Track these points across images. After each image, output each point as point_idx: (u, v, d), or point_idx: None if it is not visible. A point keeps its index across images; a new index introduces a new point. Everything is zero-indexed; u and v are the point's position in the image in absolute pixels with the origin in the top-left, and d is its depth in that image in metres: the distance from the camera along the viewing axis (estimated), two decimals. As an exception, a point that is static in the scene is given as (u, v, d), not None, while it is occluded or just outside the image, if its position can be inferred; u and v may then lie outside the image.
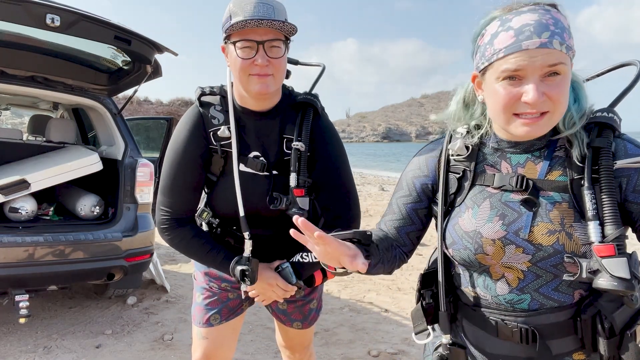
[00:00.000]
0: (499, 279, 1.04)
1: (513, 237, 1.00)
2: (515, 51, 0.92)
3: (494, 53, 0.95)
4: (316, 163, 1.49)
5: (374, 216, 8.49)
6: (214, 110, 1.47)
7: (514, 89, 0.94)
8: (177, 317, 3.57)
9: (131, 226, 3.32)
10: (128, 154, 3.48)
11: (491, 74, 0.97)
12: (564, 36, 0.92)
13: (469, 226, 1.05)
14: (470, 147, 1.09)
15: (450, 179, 1.12)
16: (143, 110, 23.69)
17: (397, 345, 3.14)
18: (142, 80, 3.30)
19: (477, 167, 1.09)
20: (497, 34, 0.95)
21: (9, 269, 2.81)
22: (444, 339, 1.10)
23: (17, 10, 2.48)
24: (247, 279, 1.46)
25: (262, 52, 1.32)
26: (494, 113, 1.00)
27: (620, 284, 0.88)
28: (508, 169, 1.05)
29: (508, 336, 1.03)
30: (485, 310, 1.06)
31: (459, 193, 1.10)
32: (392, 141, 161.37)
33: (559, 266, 0.97)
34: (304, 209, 1.41)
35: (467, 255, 1.05)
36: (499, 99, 0.96)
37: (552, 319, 1.00)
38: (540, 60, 0.90)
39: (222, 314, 1.65)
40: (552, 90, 0.92)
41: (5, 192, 3.13)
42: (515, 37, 0.92)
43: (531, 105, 0.92)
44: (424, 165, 1.18)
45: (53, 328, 3.32)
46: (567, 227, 0.96)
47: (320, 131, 1.48)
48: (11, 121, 15.50)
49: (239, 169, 1.45)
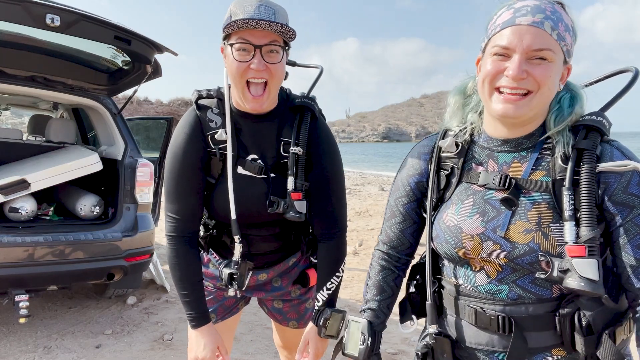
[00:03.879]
0: (478, 270, 1.07)
1: (491, 234, 1.02)
2: (509, 25, 0.97)
3: (493, 29, 1.01)
4: (312, 169, 1.49)
5: (373, 216, 8.50)
6: (211, 114, 1.47)
7: (501, 63, 0.98)
8: (177, 317, 3.57)
9: (131, 226, 3.32)
10: (128, 154, 3.48)
11: (488, 49, 1.02)
12: (559, 25, 0.95)
13: (451, 221, 1.08)
14: (460, 144, 1.12)
15: (440, 175, 1.15)
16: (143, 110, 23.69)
17: (397, 345, 3.14)
18: (142, 80, 3.30)
19: (465, 165, 1.12)
20: (501, 14, 1.01)
21: (9, 269, 2.81)
22: (431, 329, 1.12)
23: (17, 10, 2.48)
24: (235, 282, 1.46)
25: (259, 56, 1.31)
26: (479, 86, 1.04)
27: (587, 285, 0.90)
28: (494, 168, 1.07)
29: (486, 324, 1.05)
30: (466, 298, 1.09)
31: (447, 189, 1.13)
32: (392, 141, 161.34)
33: (534, 264, 0.98)
34: (301, 212, 1.41)
35: (448, 249, 1.09)
36: (485, 71, 1.01)
37: (532, 310, 1.01)
38: (528, 40, 0.95)
39: (218, 313, 1.65)
40: (536, 70, 0.95)
41: (5, 192, 3.13)
42: (512, 15, 0.98)
43: (512, 78, 0.95)
44: (417, 163, 1.21)
45: (53, 328, 3.32)
46: (544, 227, 0.97)
47: (317, 138, 1.48)
48: (11, 121, 15.49)
49: (238, 171, 1.45)
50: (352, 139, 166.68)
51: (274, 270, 1.60)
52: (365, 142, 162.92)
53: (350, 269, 4.97)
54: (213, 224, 1.57)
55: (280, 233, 1.56)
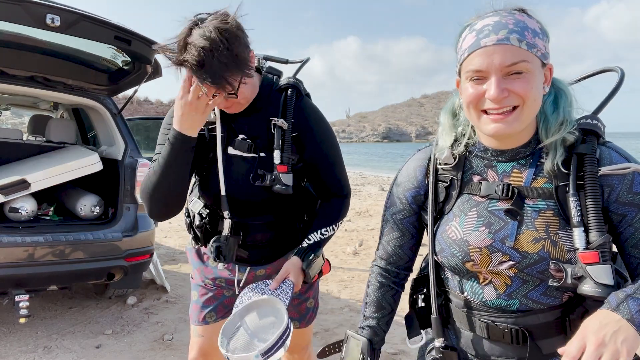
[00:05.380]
0: (486, 284, 1.06)
1: (499, 245, 1.01)
2: (475, 49, 0.96)
3: (461, 54, 1.00)
4: (305, 146, 1.51)
5: (374, 216, 8.50)
6: None
7: (479, 86, 0.97)
8: (177, 317, 3.57)
9: (131, 226, 3.32)
10: (128, 154, 3.48)
11: (462, 75, 1.01)
12: (525, 34, 0.94)
13: (456, 234, 1.07)
14: (457, 156, 1.11)
15: (439, 187, 1.13)
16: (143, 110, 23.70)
17: (397, 345, 3.14)
18: (142, 80, 3.30)
19: (464, 176, 1.10)
20: (465, 37, 1.00)
21: (9, 269, 2.81)
22: (437, 343, 1.11)
23: (17, 10, 2.48)
24: (222, 255, 1.47)
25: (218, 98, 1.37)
26: (466, 112, 1.03)
27: (604, 291, 0.90)
28: (494, 177, 1.06)
29: (499, 337, 1.04)
30: (475, 312, 1.08)
31: (447, 201, 1.11)
32: (392, 141, 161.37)
33: (544, 272, 0.98)
34: (288, 185, 1.42)
35: (455, 263, 1.07)
36: (467, 97, 0.99)
37: (542, 319, 1.02)
38: (498, 59, 0.93)
39: (218, 311, 1.66)
40: (514, 85, 0.94)
41: (5, 192, 3.13)
42: (475, 37, 0.96)
43: (493, 101, 0.94)
44: (412, 177, 1.19)
45: (53, 328, 3.32)
46: (552, 234, 0.97)
47: (303, 113, 1.50)
48: (11, 121, 15.49)
49: (228, 152, 1.50)
50: (352, 139, 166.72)
51: (272, 266, 1.61)
52: (366, 142, 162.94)
53: (350, 269, 4.97)
54: (207, 213, 1.58)
55: (274, 222, 1.57)
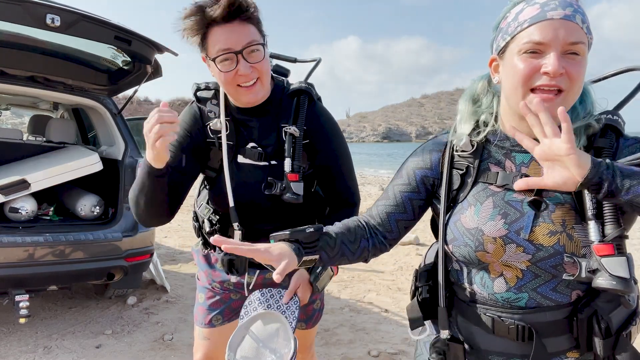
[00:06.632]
0: (497, 277, 1.04)
1: (514, 236, 1.00)
2: (540, 20, 0.93)
3: (518, 26, 0.96)
4: (317, 153, 1.49)
5: (374, 216, 8.49)
6: (210, 105, 1.50)
7: (535, 60, 0.93)
8: (177, 317, 3.57)
9: (131, 226, 3.32)
10: (128, 154, 3.48)
11: (512, 48, 0.97)
12: (586, 18, 0.93)
13: (471, 223, 1.04)
14: (475, 144, 1.09)
15: (454, 174, 1.10)
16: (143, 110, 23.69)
17: (397, 346, 3.14)
18: (142, 80, 3.30)
19: (481, 165, 1.08)
20: (522, 10, 0.97)
21: (9, 269, 2.81)
22: (443, 335, 1.09)
23: (17, 10, 2.48)
24: (234, 269, 1.45)
25: (242, 61, 1.32)
26: (510, 90, 0.99)
27: (619, 283, 0.88)
28: (512, 168, 1.05)
29: (504, 333, 1.03)
30: (481, 306, 1.06)
31: (462, 189, 1.09)
32: (392, 141, 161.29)
33: (558, 267, 0.97)
34: (298, 194, 1.40)
35: (467, 252, 1.05)
36: (517, 72, 0.95)
37: (549, 317, 1.00)
38: (563, 34, 0.91)
39: (224, 314, 1.65)
40: (571, 67, 0.92)
41: (5, 192, 3.13)
42: (540, 9, 0.94)
43: (551, 74, 0.91)
44: (427, 157, 1.16)
45: (53, 328, 3.32)
46: (569, 228, 0.96)
47: (316, 120, 1.48)
48: (11, 121, 15.48)
49: (238, 160, 1.47)
50: (352, 139, 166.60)
51: None
52: (366, 142, 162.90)
53: (351, 269, 4.97)
54: (217, 219, 1.57)
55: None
